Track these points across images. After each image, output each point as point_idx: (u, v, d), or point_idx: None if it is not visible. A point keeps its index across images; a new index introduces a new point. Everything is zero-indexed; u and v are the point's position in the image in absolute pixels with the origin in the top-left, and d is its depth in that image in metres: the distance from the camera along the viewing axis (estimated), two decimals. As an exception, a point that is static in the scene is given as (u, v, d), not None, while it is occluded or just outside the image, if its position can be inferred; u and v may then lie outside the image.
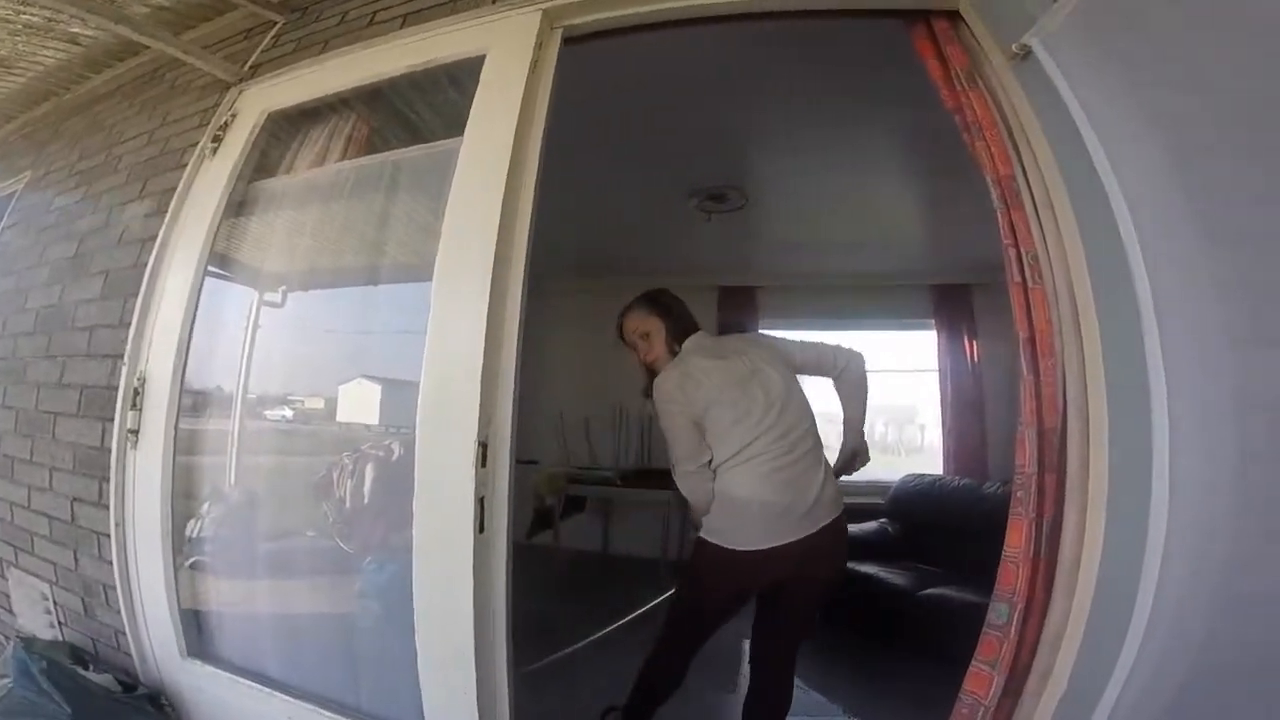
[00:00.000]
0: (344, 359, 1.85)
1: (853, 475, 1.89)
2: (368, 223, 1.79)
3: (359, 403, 1.80)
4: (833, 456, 1.85)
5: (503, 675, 1.31)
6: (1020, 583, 1.14)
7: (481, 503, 1.26)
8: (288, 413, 1.89)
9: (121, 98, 2.41)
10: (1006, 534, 1.17)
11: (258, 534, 1.83)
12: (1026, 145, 1.26)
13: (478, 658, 1.27)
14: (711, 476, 1.70)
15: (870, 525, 3.82)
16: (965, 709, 1.18)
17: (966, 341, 4.37)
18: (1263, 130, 0.93)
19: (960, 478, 3.91)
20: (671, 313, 1.91)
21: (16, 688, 1.53)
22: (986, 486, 3.57)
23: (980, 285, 4.32)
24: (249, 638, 1.74)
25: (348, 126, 1.87)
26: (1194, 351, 0.91)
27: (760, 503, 1.62)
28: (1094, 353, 1.09)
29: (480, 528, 1.26)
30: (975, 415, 4.23)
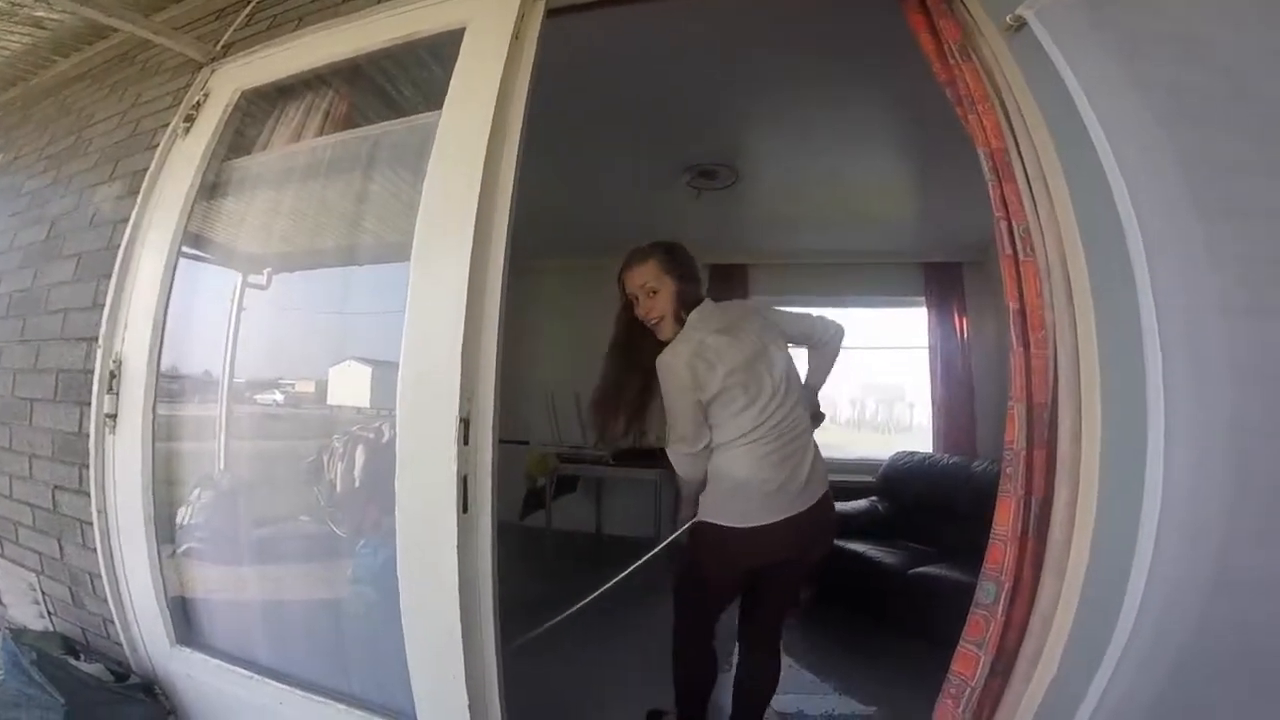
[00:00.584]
0: (333, 341, 1.82)
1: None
2: (353, 201, 1.75)
3: (349, 385, 1.78)
4: None
5: (491, 655, 1.31)
6: (1008, 562, 1.13)
7: (465, 481, 1.25)
8: (277, 396, 1.87)
9: (91, 81, 2.35)
10: (995, 512, 1.16)
11: (248, 519, 1.82)
12: (1020, 118, 1.24)
13: (465, 638, 1.27)
14: (708, 457, 1.66)
15: (860, 503, 3.83)
16: (953, 689, 1.18)
17: (957, 319, 4.37)
18: (1258, 102, 0.92)
19: (950, 455, 3.93)
20: (686, 275, 1.76)
21: (8, 679, 1.52)
22: (976, 464, 3.59)
23: (971, 263, 4.31)
24: (240, 625, 1.73)
25: (325, 103, 1.82)
26: (1189, 324, 0.91)
27: (760, 480, 1.61)
28: (1087, 326, 1.08)
29: (464, 507, 1.24)
30: (965, 393, 4.25)
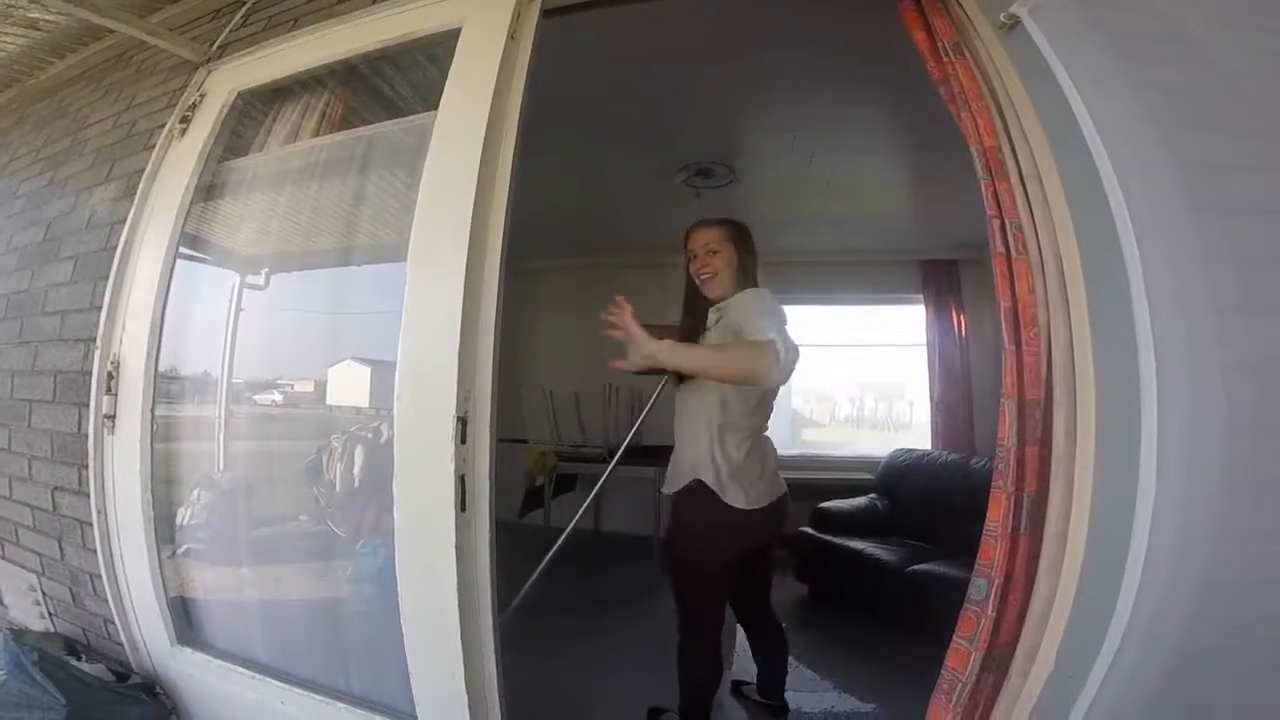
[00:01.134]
0: (331, 341, 1.82)
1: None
2: (350, 201, 1.75)
3: (348, 385, 1.78)
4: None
5: (491, 653, 1.31)
6: (999, 558, 1.13)
7: (462, 480, 1.25)
8: (276, 396, 1.87)
9: (86, 82, 2.35)
10: (988, 508, 1.17)
11: (248, 520, 1.83)
12: (1014, 116, 1.24)
13: (464, 637, 1.27)
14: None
15: (859, 501, 3.84)
16: (945, 685, 1.18)
17: (954, 316, 4.39)
18: (1252, 102, 0.93)
19: (948, 453, 3.94)
20: (745, 249, 1.86)
21: (10, 680, 1.52)
22: (974, 461, 3.60)
23: (968, 260, 4.32)
24: (240, 624, 1.74)
25: (321, 103, 1.83)
26: (1182, 321, 0.91)
27: (772, 464, 1.79)
28: (1081, 324, 1.08)
29: (462, 506, 1.25)
30: (963, 390, 4.26)
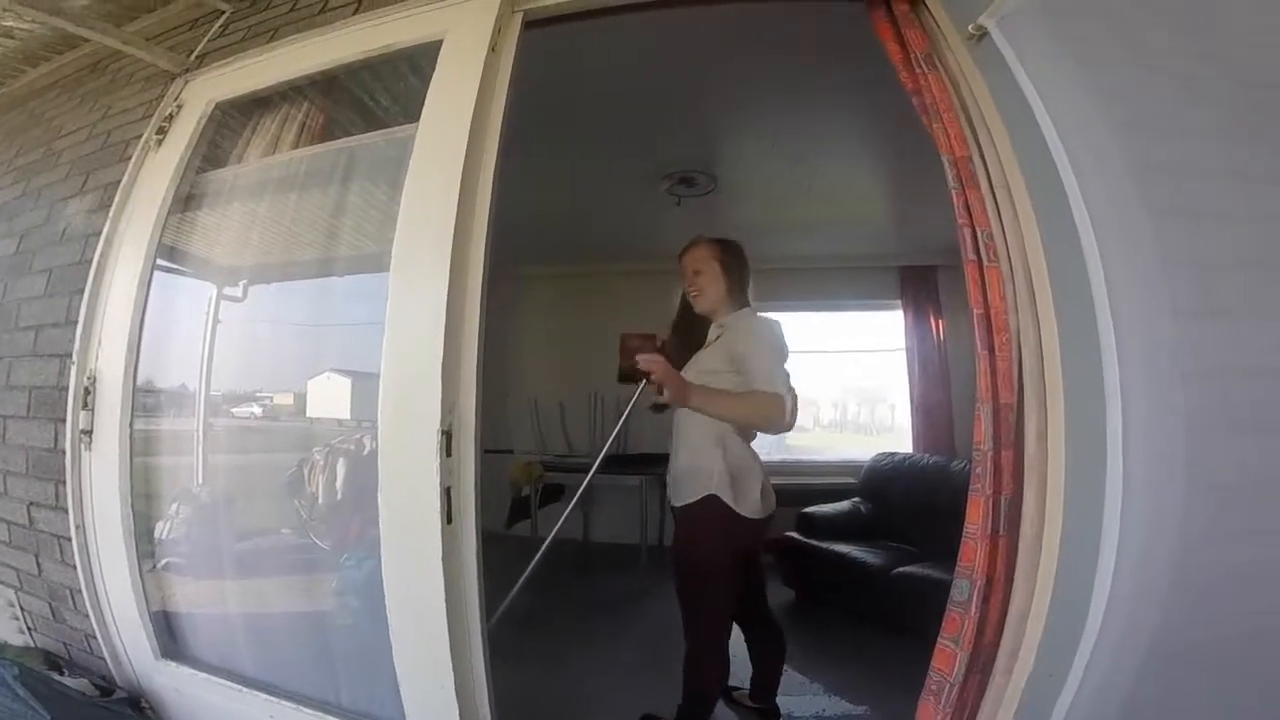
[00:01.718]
0: (312, 352, 1.82)
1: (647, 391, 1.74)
2: (331, 212, 1.75)
3: (329, 397, 1.77)
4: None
5: (480, 663, 1.31)
6: (980, 559, 1.16)
7: (448, 493, 1.25)
8: (255, 409, 1.86)
9: (61, 91, 2.32)
10: (966, 511, 1.19)
11: (229, 533, 1.81)
12: (983, 126, 1.27)
13: (453, 648, 1.27)
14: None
15: (844, 505, 3.87)
16: (933, 685, 1.20)
17: (932, 321, 4.46)
18: (1209, 107, 0.96)
19: (929, 455, 3.99)
20: (730, 266, 1.92)
21: (-7, 696, 1.49)
22: (955, 464, 3.64)
23: (945, 266, 4.39)
24: (225, 638, 1.73)
25: (301, 114, 1.82)
26: (1143, 326, 0.94)
27: (760, 473, 1.82)
28: (1049, 329, 1.11)
29: (448, 518, 1.25)
30: (942, 393, 4.33)
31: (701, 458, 1.79)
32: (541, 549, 1.81)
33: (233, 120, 1.89)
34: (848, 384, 5.09)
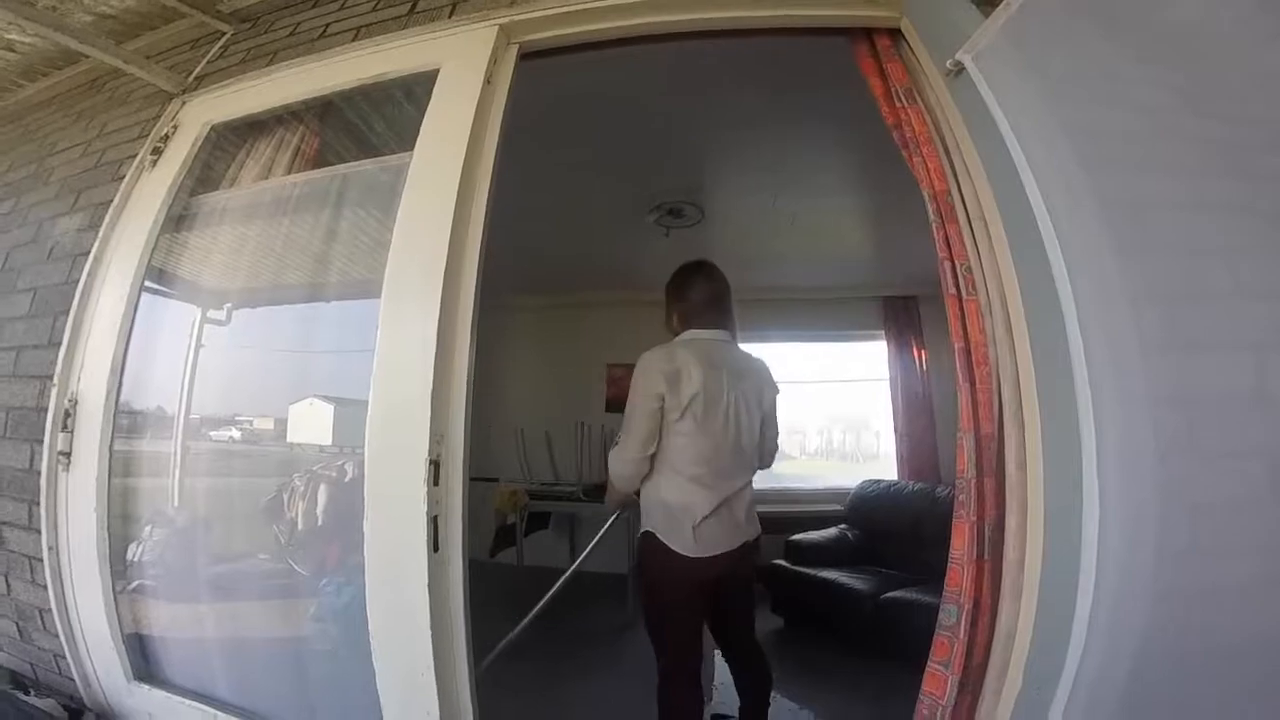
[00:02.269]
0: (295, 378, 1.80)
1: None
2: (320, 238, 1.75)
3: (311, 423, 1.76)
4: None
5: (466, 695, 1.29)
6: (966, 584, 1.17)
7: (435, 522, 1.24)
8: (235, 433, 1.83)
9: (57, 107, 2.32)
10: (951, 537, 1.21)
11: (206, 557, 1.78)
12: (960, 160, 1.30)
13: (439, 677, 1.25)
14: (644, 469, 1.74)
15: (830, 532, 3.88)
16: (925, 709, 1.21)
17: (915, 351, 4.53)
18: (1176, 140, 0.99)
19: (914, 482, 4.02)
20: (670, 294, 1.90)
21: (-43, 714, 1.45)
22: (939, 490, 3.67)
23: (926, 296, 4.47)
24: (200, 662, 1.68)
25: (296, 139, 1.84)
26: (1113, 356, 0.96)
27: (702, 517, 1.71)
28: (1025, 361, 1.13)
29: (435, 547, 1.24)
30: (926, 421, 4.37)
31: (644, 494, 1.80)
32: (555, 587, 1.80)
33: (227, 143, 1.90)
34: (834, 413, 5.12)
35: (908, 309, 4.56)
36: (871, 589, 3.17)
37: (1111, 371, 0.96)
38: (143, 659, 1.69)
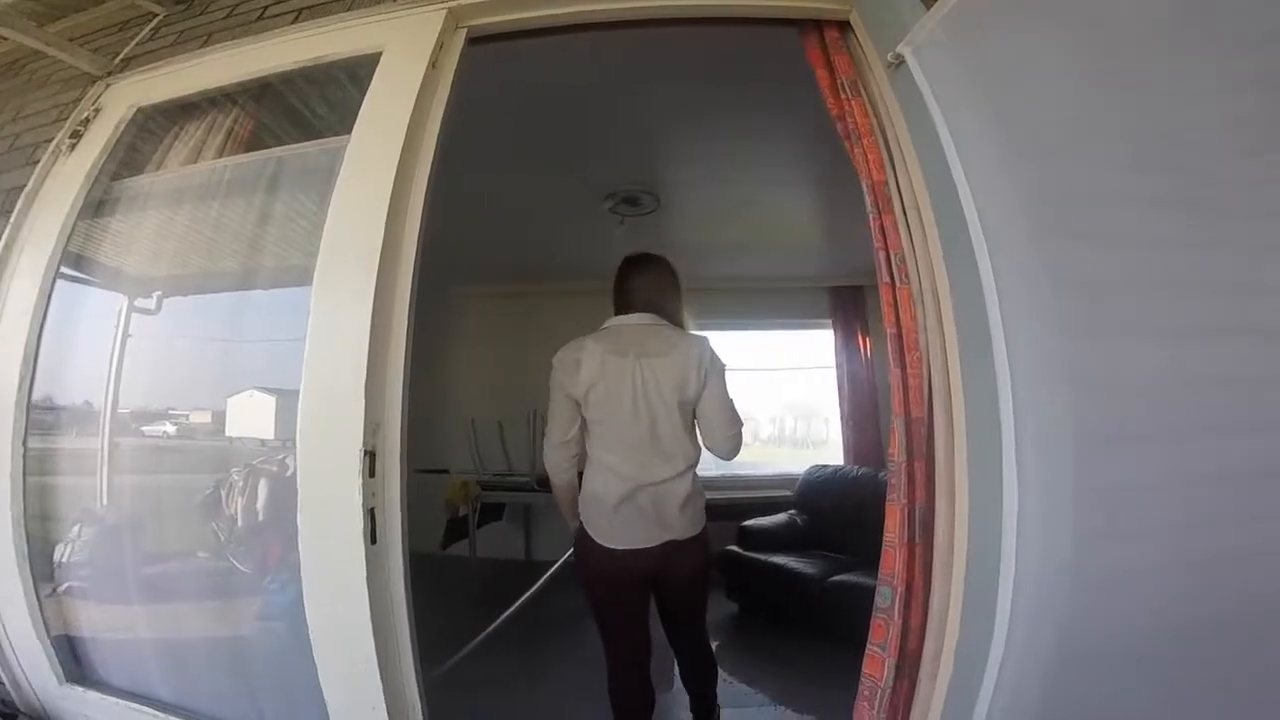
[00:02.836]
0: (233, 369, 1.74)
1: None
2: (256, 223, 1.69)
3: (251, 415, 1.70)
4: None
5: (413, 688, 1.29)
6: (899, 567, 1.21)
7: (372, 514, 1.22)
8: (169, 428, 1.76)
9: (-30, 91, 2.18)
10: (885, 520, 1.24)
11: (141, 556, 1.73)
12: (899, 151, 1.33)
13: (383, 673, 1.23)
14: (571, 460, 1.77)
15: (780, 517, 3.95)
16: (866, 690, 1.24)
17: (860, 339, 4.67)
18: (1099, 134, 1.00)
19: (859, 467, 4.13)
20: (614, 285, 1.89)
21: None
22: (882, 475, 3.76)
23: (872, 286, 4.51)
24: (139, 664, 1.64)
25: (229, 121, 1.76)
26: (1033, 342, 0.99)
27: (613, 506, 1.68)
28: (953, 347, 1.17)
29: (373, 539, 1.22)
30: (870, 407, 4.51)
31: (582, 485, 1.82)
32: (545, 576, 1.77)
33: (157, 126, 1.82)
34: (786, 400, 5.22)
35: (854, 299, 4.68)
36: (820, 573, 3.24)
37: (1030, 356, 0.99)
38: (74, 661, 1.64)
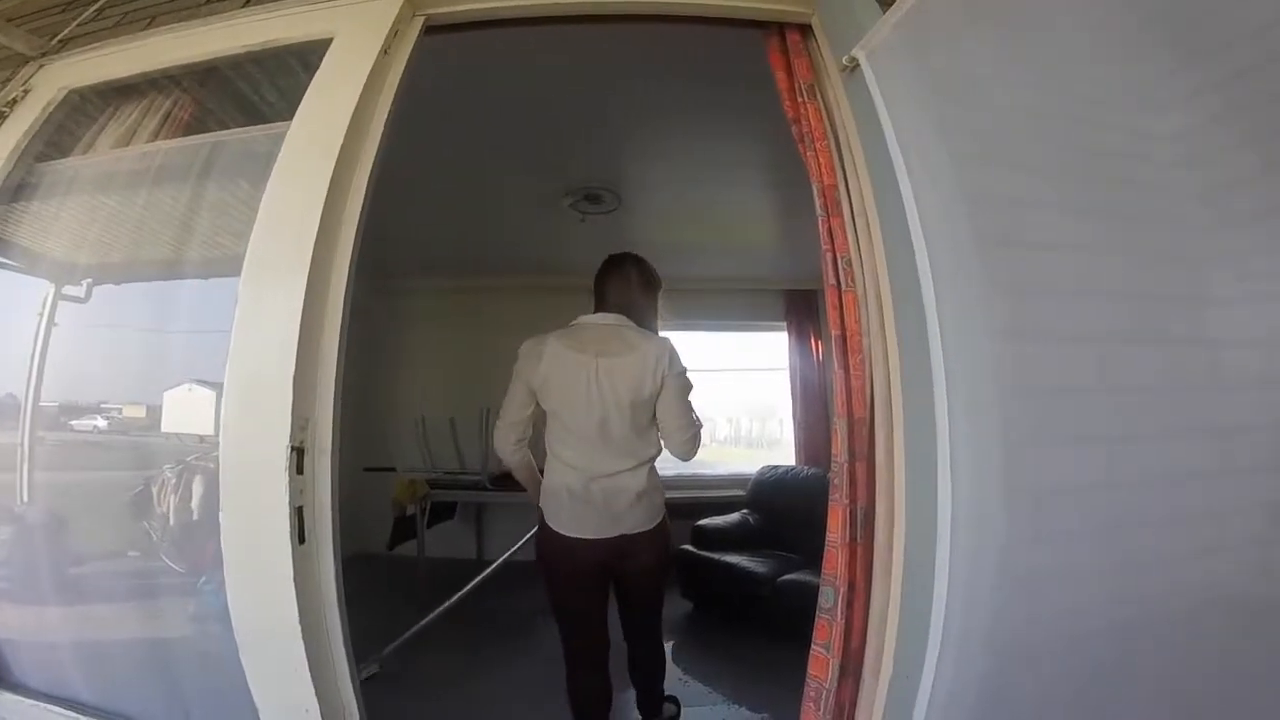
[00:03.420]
0: (170, 361, 1.65)
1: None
2: (195, 210, 1.61)
3: (188, 410, 1.63)
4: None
5: (348, 689, 1.25)
6: (841, 567, 1.22)
7: (300, 512, 1.18)
8: (100, 422, 1.68)
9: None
10: (828, 520, 1.26)
11: (65, 555, 1.66)
12: (850, 155, 1.35)
13: (314, 674, 1.19)
14: (517, 444, 1.84)
15: (733, 516, 4.00)
16: (812, 692, 1.25)
17: (813, 341, 4.78)
18: (1043, 141, 1.03)
19: (809, 467, 4.21)
20: (594, 283, 1.95)
21: None
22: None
23: (824, 290, 4.66)
24: (59, 665, 1.57)
25: (169, 103, 1.69)
26: (966, 345, 1.02)
27: (567, 496, 1.75)
28: (894, 349, 1.19)
29: (300, 538, 1.18)
30: (821, 409, 4.60)
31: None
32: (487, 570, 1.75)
33: (90, 108, 1.74)
34: (741, 401, 5.28)
35: (808, 303, 4.79)
36: (770, 572, 3.29)
37: (964, 359, 1.01)
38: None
